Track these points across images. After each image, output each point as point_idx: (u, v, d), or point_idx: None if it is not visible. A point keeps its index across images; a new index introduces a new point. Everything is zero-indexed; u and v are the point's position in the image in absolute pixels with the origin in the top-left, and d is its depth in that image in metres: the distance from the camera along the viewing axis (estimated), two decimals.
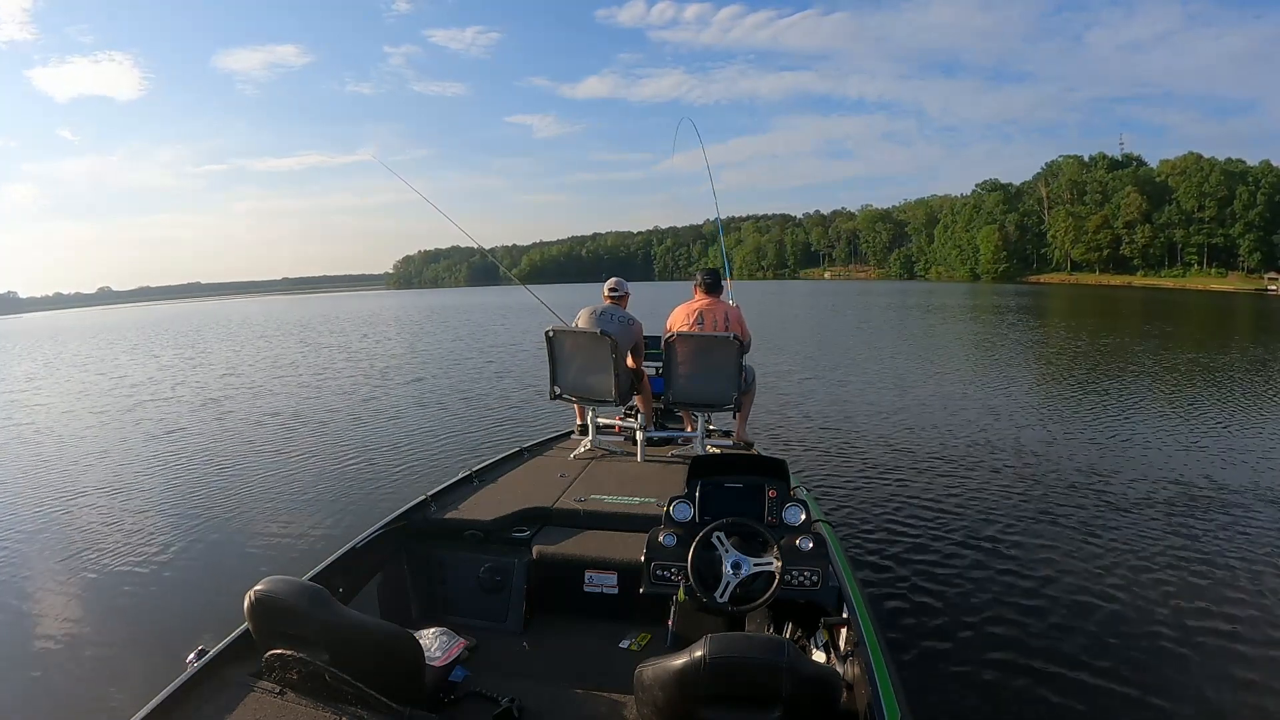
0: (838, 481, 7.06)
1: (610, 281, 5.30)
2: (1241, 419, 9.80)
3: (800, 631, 2.82)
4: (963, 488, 6.81)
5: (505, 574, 3.46)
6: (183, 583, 5.20)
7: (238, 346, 26.09)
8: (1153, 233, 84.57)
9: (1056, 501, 6.39)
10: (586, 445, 4.92)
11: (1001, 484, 6.93)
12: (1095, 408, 10.70)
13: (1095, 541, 5.44)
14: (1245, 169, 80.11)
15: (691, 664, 1.73)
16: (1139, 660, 3.84)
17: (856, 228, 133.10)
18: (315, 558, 3.11)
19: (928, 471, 7.37)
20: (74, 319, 78.44)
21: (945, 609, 4.43)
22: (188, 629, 4.21)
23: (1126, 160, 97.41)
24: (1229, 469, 7.30)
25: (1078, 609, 4.40)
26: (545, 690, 2.61)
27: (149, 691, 2.14)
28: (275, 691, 2.13)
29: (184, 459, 8.89)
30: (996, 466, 7.56)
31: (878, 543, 5.45)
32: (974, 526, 5.80)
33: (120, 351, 27.24)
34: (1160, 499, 6.38)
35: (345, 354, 21.83)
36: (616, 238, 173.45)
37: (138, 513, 6.83)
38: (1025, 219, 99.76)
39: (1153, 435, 8.84)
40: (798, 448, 8.42)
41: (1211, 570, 4.89)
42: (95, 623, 4.66)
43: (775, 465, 2.86)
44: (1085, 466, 7.49)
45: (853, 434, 9.13)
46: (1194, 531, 5.59)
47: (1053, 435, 8.94)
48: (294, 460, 8.55)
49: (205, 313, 70.75)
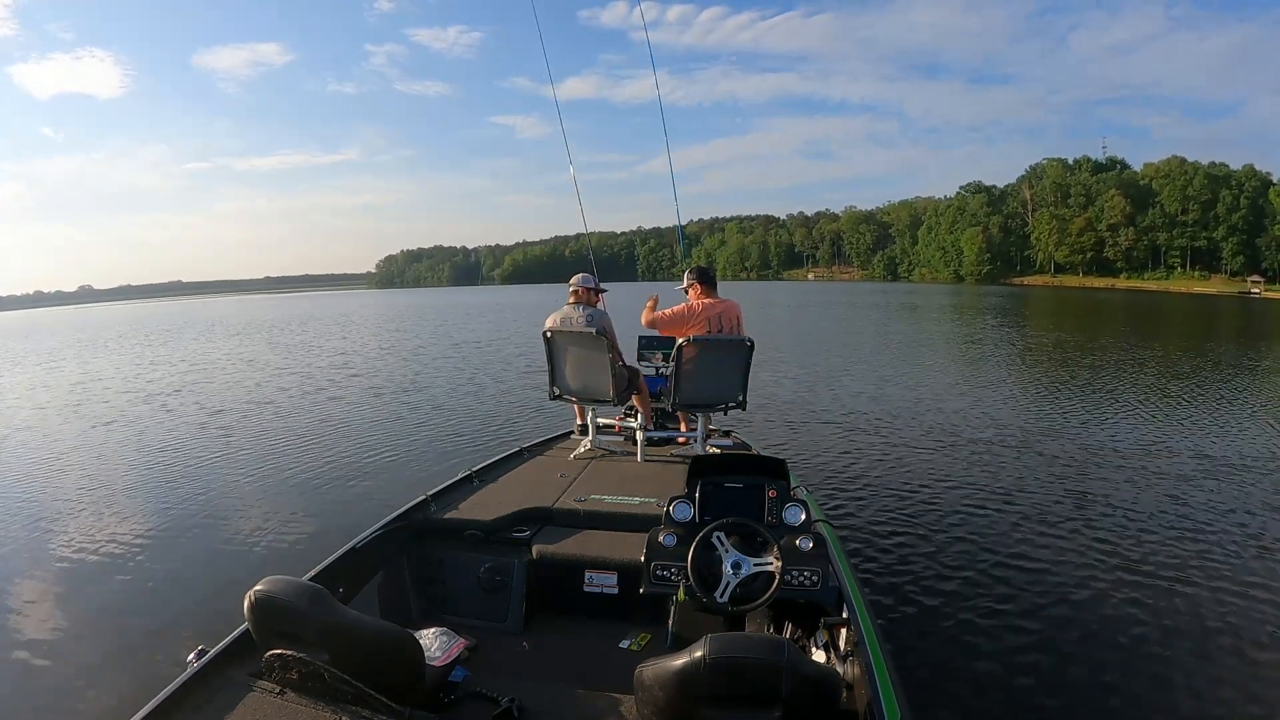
0: (838, 481, 7.06)
1: (578, 277, 5.12)
2: (1240, 419, 9.94)
3: (800, 631, 2.82)
4: (963, 488, 6.83)
5: (505, 574, 3.45)
6: (183, 583, 5.15)
7: (230, 347, 25.80)
8: (1136, 235, 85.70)
9: (1057, 501, 6.43)
10: (586, 445, 4.92)
11: (1002, 484, 6.96)
12: (1095, 408, 10.80)
13: (1096, 541, 5.47)
14: (1229, 173, 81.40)
15: (691, 664, 1.73)
16: (1139, 659, 3.87)
17: (840, 229, 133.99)
18: (315, 558, 3.08)
19: (928, 471, 7.40)
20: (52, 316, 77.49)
21: (945, 609, 4.45)
22: (188, 629, 4.19)
23: (1110, 163, 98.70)
24: (1229, 469, 7.38)
25: (1078, 608, 4.43)
26: (545, 690, 2.60)
27: (149, 691, 2.12)
28: (275, 691, 2.12)
29: (184, 459, 8.78)
30: (997, 467, 7.59)
31: (878, 543, 5.45)
32: (974, 526, 5.82)
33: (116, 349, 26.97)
34: (1161, 500, 6.43)
35: (345, 354, 21.65)
36: (600, 238, 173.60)
37: (138, 513, 6.76)
38: (1009, 221, 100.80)
39: (1154, 436, 8.90)
40: (798, 448, 8.42)
41: (1212, 571, 4.92)
42: (95, 623, 4.60)
43: (775, 465, 2.87)
44: (1086, 467, 7.54)
45: (853, 434, 9.15)
46: (1195, 532, 5.63)
47: (1052, 436, 9.00)
48: (294, 460, 8.48)
49: (188, 311, 70.04)
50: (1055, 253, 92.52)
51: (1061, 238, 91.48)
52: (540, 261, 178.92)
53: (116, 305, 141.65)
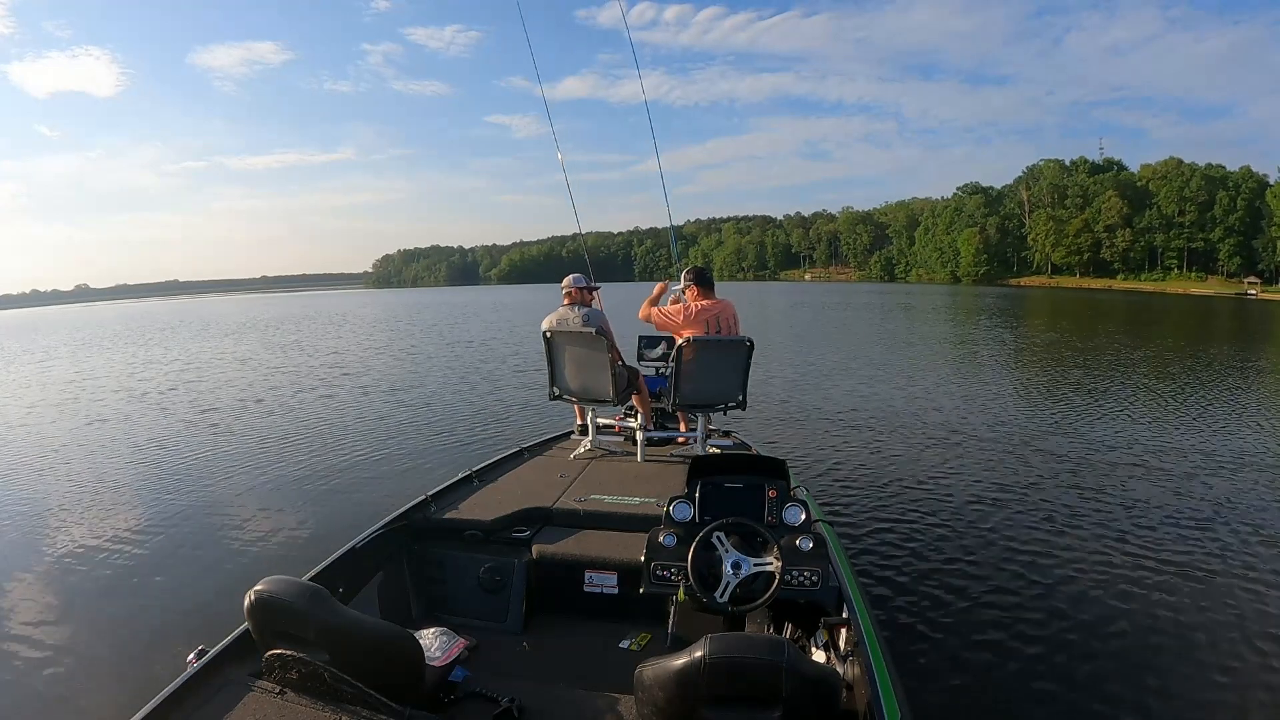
0: (838, 481, 7.07)
1: (570, 278, 5.12)
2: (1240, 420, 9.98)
3: (800, 631, 2.82)
4: (963, 487, 6.85)
5: (505, 574, 3.45)
6: (183, 583, 5.14)
7: (226, 348, 25.74)
8: (1133, 236, 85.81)
9: (1057, 500, 6.45)
10: (586, 445, 4.92)
11: (1002, 484, 6.98)
12: (1094, 408, 10.83)
13: (1096, 541, 5.48)
14: (1226, 174, 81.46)
15: (691, 664, 1.73)
16: (1139, 658, 3.88)
17: (837, 229, 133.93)
18: (315, 558, 3.08)
19: (928, 471, 7.41)
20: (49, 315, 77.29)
21: (945, 609, 4.45)
22: (188, 629, 4.18)
23: (1107, 164, 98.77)
24: (1229, 469, 7.39)
25: (1078, 608, 4.43)
26: (545, 690, 2.60)
27: (149, 691, 2.12)
28: (275, 691, 2.11)
29: (184, 459, 8.76)
30: (996, 466, 7.61)
31: (878, 543, 5.45)
32: (975, 526, 5.83)
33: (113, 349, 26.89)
34: (1161, 499, 6.45)
35: (344, 354, 21.62)
36: (597, 238, 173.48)
37: (138, 513, 6.74)
38: (1006, 222, 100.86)
39: (1154, 436, 8.92)
40: (798, 448, 8.42)
41: (1213, 570, 4.94)
42: (95, 623, 4.60)
43: (775, 465, 2.87)
44: (1085, 466, 7.56)
45: (853, 434, 9.16)
46: (1196, 531, 5.64)
47: (1051, 435, 9.02)
48: (295, 460, 8.47)
49: (184, 310, 69.87)
50: (1052, 254, 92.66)
51: (1058, 239, 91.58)
52: (537, 261, 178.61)
53: (113, 304, 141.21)
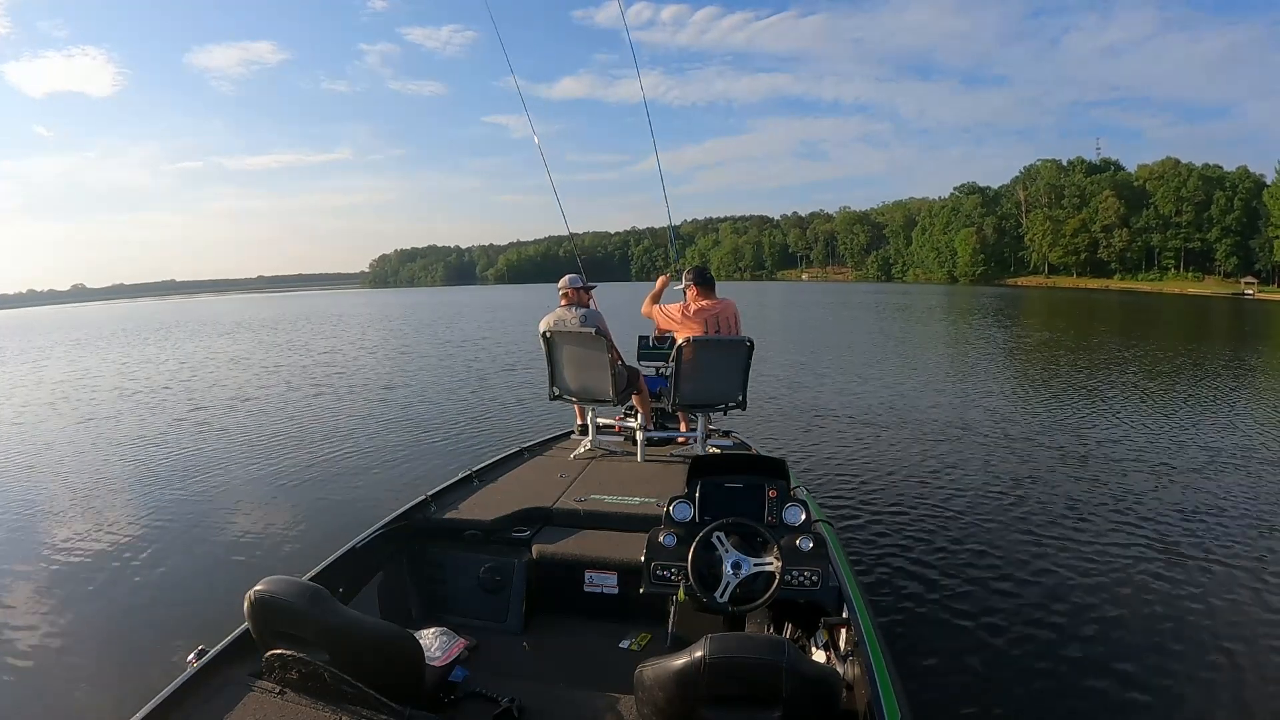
0: (838, 481, 7.07)
1: (566, 278, 5.12)
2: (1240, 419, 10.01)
3: (800, 631, 2.82)
4: (964, 487, 6.85)
5: (505, 574, 3.45)
6: (183, 583, 5.14)
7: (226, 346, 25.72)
8: (1130, 236, 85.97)
9: (1058, 500, 6.45)
10: (586, 445, 4.91)
11: (1002, 483, 6.99)
12: (1094, 408, 10.85)
13: (1097, 540, 5.49)
14: (1222, 174, 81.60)
15: (691, 664, 1.73)
16: (1139, 658, 3.87)
17: (834, 229, 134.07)
18: (315, 558, 3.07)
19: (928, 471, 7.41)
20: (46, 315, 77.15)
21: (945, 609, 4.45)
22: (188, 629, 4.16)
23: (1104, 165, 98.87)
24: (1228, 470, 7.41)
25: (1078, 608, 4.43)
26: (545, 690, 2.59)
27: (149, 691, 2.12)
28: (275, 691, 2.11)
29: (184, 459, 8.74)
30: (997, 465, 7.62)
31: (878, 543, 5.46)
32: (975, 526, 5.83)
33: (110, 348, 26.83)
34: (1162, 499, 6.46)
35: (343, 355, 21.58)
36: (594, 238, 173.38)
37: (138, 513, 6.72)
38: (1003, 222, 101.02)
39: (1154, 436, 8.94)
40: (798, 448, 8.42)
41: (1214, 569, 4.95)
42: (95, 623, 4.60)
43: (775, 465, 2.86)
44: (1087, 467, 7.57)
45: (853, 434, 9.16)
46: (1196, 531, 5.66)
47: (1051, 434, 9.04)
48: (295, 460, 8.46)
49: (181, 310, 69.80)
50: (1049, 254, 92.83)
51: (1055, 239, 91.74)
52: (534, 261, 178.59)
53: (109, 304, 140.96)
